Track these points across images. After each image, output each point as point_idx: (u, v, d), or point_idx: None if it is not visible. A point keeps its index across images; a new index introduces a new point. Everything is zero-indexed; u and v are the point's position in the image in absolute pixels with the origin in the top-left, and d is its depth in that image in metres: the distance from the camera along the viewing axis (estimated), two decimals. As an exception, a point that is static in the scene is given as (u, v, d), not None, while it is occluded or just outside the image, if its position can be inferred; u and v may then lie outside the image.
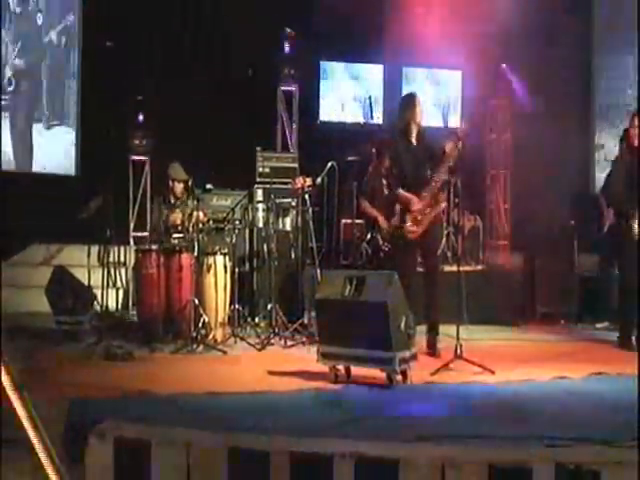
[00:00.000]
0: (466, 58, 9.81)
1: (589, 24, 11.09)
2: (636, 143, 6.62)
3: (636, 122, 6.62)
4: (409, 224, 6.25)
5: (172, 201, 7.34)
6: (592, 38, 11.13)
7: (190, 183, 7.27)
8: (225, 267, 6.98)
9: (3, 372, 2.25)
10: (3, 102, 9.24)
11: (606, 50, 11.08)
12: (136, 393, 4.63)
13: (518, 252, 9.54)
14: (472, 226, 9.48)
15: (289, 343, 6.73)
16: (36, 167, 9.60)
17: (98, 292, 7.16)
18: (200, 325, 6.49)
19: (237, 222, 7.52)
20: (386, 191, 7.27)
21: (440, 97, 10.68)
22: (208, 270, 6.86)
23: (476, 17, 9.34)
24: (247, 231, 8.22)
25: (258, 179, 8.63)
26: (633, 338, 6.56)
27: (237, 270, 7.28)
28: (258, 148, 8.82)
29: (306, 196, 7.58)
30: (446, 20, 9.18)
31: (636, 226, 6.47)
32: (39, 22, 9.68)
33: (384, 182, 7.37)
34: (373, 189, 7.58)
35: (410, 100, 6.51)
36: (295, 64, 9.69)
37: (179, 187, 7.30)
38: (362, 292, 4.96)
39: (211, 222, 7.40)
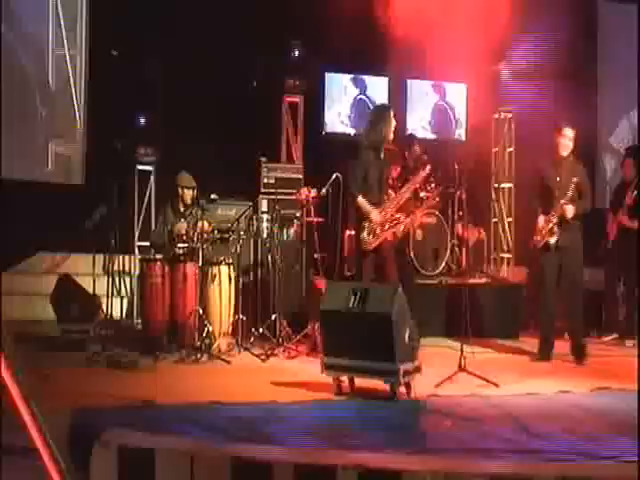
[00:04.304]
0: (471, 72, 9.84)
1: (594, 39, 11.14)
2: None
3: None
4: (365, 234, 6.24)
5: (181, 209, 7.39)
6: (596, 53, 11.17)
7: (195, 194, 7.32)
8: (229, 277, 7.00)
9: (9, 377, 2.26)
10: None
11: (610, 65, 11.11)
12: (140, 402, 4.63)
13: (522, 265, 9.53)
14: (476, 239, 9.49)
15: (293, 354, 6.74)
16: (41, 176, 9.62)
17: (103, 301, 7.16)
18: (204, 335, 6.50)
19: (241, 232, 7.54)
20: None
21: (444, 110, 10.70)
22: (212, 280, 6.89)
23: (481, 32, 9.36)
24: (251, 241, 8.23)
25: (263, 190, 8.65)
26: None
27: (241, 280, 7.30)
28: (263, 159, 8.83)
29: (310, 207, 7.59)
30: (451, 34, 9.20)
31: None
32: (46, 31, 9.73)
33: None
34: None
35: (387, 112, 6.45)
36: (300, 75, 9.71)
37: (189, 194, 7.35)
38: (366, 304, 4.97)
39: (216, 232, 7.41)
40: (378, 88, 10.37)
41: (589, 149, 10.78)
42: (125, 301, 8.08)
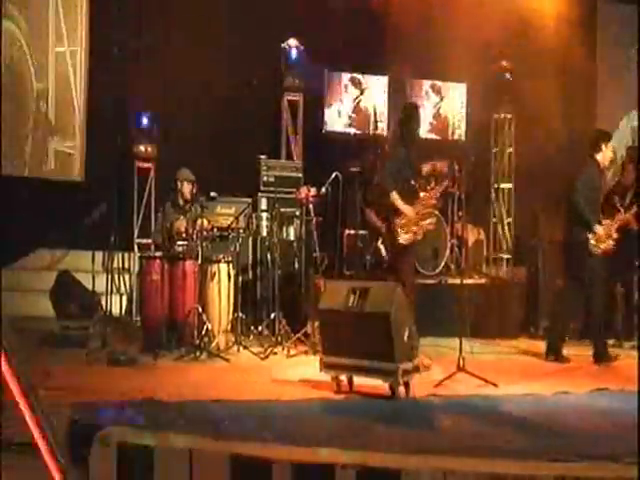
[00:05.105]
0: (470, 71, 9.85)
1: (594, 39, 11.16)
2: None
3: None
4: (400, 230, 6.29)
5: (181, 204, 7.39)
6: (596, 53, 11.19)
7: (195, 190, 7.33)
8: (229, 275, 7.00)
9: (9, 374, 2.26)
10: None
11: (610, 65, 11.12)
12: (139, 399, 4.63)
13: (521, 265, 9.54)
14: (476, 239, 9.50)
15: (292, 352, 6.74)
16: (41, 173, 9.62)
17: (102, 298, 7.16)
18: (203, 332, 6.51)
19: (241, 230, 7.54)
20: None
21: (444, 110, 10.70)
22: (212, 278, 6.89)
23: (481, 32, 9.37)
24: (251, 240, 8.23)
25: (262, 188, 8.65)
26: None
27: (240, 278, 7.30)
28: (262, 157, 8.83)
29: (310, 206, 7.60)
30: (451, 33, 9.21)
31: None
32: (47, 28, 9.74)
33: None
34: (378, 199, 7.60)
35: (416, 111, 6.64)
36: (300, 74, 9.71)
37: (188, 188, 7.36)
38: (366, 303, 4.97)
39: (215, 230, 7.41)
40: (378, 87, 10.37)
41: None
42: (124, 298, 8.08)
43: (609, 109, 11.17)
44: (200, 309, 6.59)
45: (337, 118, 10.24)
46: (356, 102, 10.33)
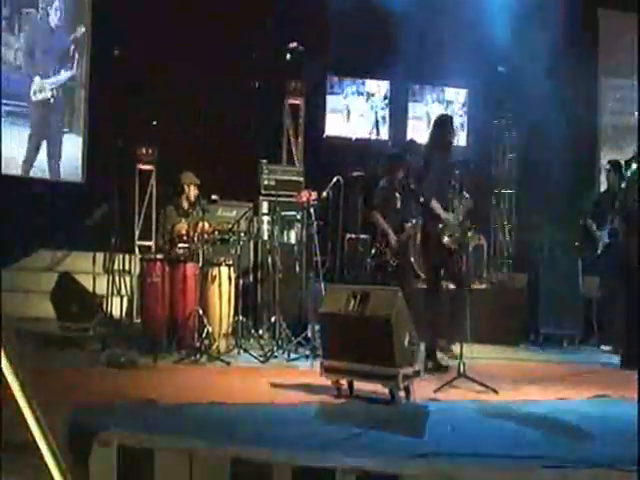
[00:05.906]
0: (472, 77, 9.87)
1: (595, 46, 11.18)
2: None
3: None
4: (446, 235, 6.35)
5: (186, 207, 7.38)
6: (598, 59, 11.22)
7: (198, 191, 7.34)
8: (229, 278, 7.01)
9: (10, 374, 2.26)
10: (6, 108, 9.36)
11: (611, 72, 11.16)
12: (139, 402, 4.62)
13: (522, 271, 9.54)
14: (476, 244, 9.50)
15: (292, 356, 6.73)
16: (43, 173, 9.64)
17: (103, 300, 7.17)
18: (204, 335, 6.50)
19: (242, 234, 7.54)
20: (399, 205, 7.38)
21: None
22: (212, 281, 6.89)
23: (482, 37, 9.39)
24: (252, 243, 8.24)
25: (263, 191, 8.66)
26: None
27: (241, 282, 7.30)
28: (263, 160, 8.84)
29: (311, 210, 7.61)
30: (453, 39, 9.24)
31: None
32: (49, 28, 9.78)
33: (397, 196, 7.44)
34: (386, 203, 7.60)
35: (451, 121, 6.76)
36: (302, 78, 9.73)
37: (193, 192, 7.36)
38: (366, 307, 4.95)
39: (216, 233, 7.41)
40: (380, 92, 10.39)
41: (590, 154, 10.84)
42: (125, 300, 8.09)
43: (610, 114, 11.20)
44: (200, 312, 6.59)
45: (338, 122, 10.26)
46: (357, 107, 10.35)
